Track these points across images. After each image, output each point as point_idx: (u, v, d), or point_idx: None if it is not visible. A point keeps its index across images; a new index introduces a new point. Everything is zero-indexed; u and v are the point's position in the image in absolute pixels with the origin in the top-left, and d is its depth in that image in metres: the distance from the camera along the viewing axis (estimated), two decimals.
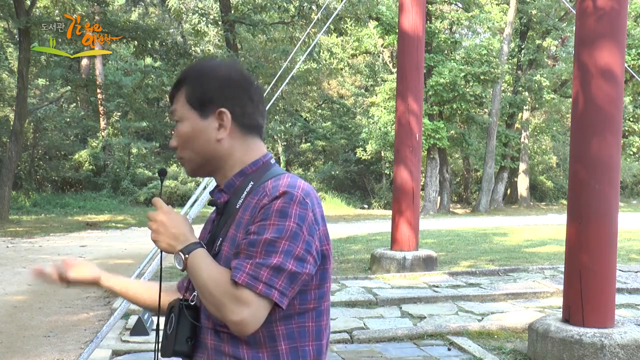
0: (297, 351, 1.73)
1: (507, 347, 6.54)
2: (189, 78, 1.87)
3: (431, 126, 27.30)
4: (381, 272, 10.57)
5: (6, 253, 13.68)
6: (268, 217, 1.67)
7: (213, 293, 1.65)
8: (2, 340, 6.85)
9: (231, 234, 1.76)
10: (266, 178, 1.79)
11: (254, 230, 1.67)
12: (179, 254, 1.71)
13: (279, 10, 25.21)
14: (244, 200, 1.78)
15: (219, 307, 1.65)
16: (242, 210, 1.76)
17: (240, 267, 1.65)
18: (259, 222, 1.67)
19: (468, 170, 40.16)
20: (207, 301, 1.68)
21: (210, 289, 1.65)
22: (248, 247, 1.66)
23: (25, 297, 9.08)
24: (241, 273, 1.64)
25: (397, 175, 11.22)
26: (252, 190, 1.78)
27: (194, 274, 1.70)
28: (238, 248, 1.69)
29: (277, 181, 1.74)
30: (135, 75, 31.24)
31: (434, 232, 17.50)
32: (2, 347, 6.60)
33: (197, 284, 1.69)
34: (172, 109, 1.89)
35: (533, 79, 32.60)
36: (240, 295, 1.63)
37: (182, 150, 1.87)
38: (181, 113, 1.85)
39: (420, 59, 11.50)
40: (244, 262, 1.65)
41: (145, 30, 23.33)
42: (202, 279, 1.67)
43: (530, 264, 11.69)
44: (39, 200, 28.12)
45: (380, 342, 6.75)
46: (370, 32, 31.16)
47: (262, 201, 1.70)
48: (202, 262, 1.70)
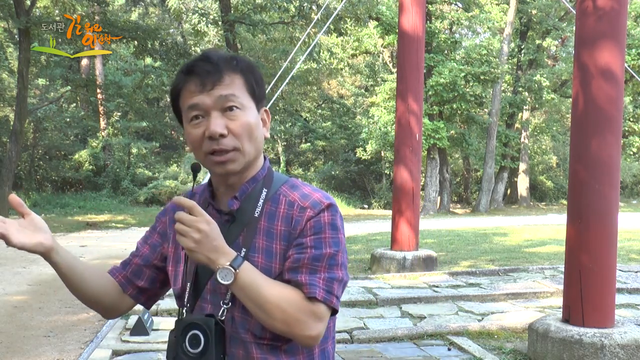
0: (324, 352, 1.77)
1: (507, 347, 6.54)
2: (245, 68, 1.75)
3: (431, 126, 27.31)
4: (381, 272, 10.57)
5: (6, 253, 13.66)
6: (322, 231, 1.68)
7: (287, 310, 1.60)
8: (2, 340, 6.85)
9: (263, 245, 1.70)
10: (277, 184, 1.77)
11: (310, 244, 1.66)
12: (228, 268, 1.58)
13: (279, 10, 25.21)
14: (262, 208, 1.73)
15: (292, 323, 1.60)
16: (266, 219, 1.72)
17: (315, 283, 1.63)
18: (313, 236, 1.67)
19: (468, 170, 40.16)
20: (273, 318, 1.60)
21: (283, 306, 1.60)
22: (312, 262, 1.65)
23: (25, 297, 9.07)
24: (318, 289, 1.63)
25: (397, 175, 11.21)
26: (268, 198, 1.75)
27: (249, 289, 1.60)
28: (298, 262, 1.65)
29: (299, 190, 1.75)
30: (135, 75, 31.25)
31: (434, 232, 17.50)
32: (2, 347, 6.60)
33: (258, 300, 1.60)
34: (229, 94, 1.70)
35: (533, 79, 32.60)
36: (316, 311, 1.63)
37: (242, 139, 1.70)
38: (242, 100, 1.72)
39: (420, 59, 11.50)
40: (315, 278, 1.64)
41: (145, 30, 23.32)
42: (266, 295, 1.60)
43: (530, 264, 11.69)
44: (39, 200, 28.12)
45: (380, 342, 6.74)
46: (370, 32, 31.15)
47: (307, 213, 1.68)
48: (258, 276, 1.63)
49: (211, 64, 1.71)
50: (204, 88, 1.69)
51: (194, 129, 1.71)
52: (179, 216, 1.59)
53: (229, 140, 1.68)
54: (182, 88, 1.74)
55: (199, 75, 1.70)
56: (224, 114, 1.69)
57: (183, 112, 1.77)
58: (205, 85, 1.69)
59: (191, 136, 1.73)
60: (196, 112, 1.71)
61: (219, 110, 1.69)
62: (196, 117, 1.71)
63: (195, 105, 1.70)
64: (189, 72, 1.73)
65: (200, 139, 1.70)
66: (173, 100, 1.80)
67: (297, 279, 1.64)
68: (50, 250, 1.74)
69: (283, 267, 1.67)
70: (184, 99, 1.74)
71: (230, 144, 1.68)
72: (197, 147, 1.72)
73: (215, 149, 1.68)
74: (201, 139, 1.70)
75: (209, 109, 1.69)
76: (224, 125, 1.68)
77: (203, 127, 1.69)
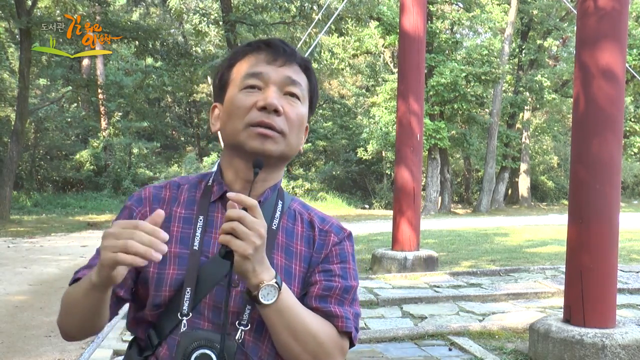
0: None
1: (508, 348, 6.53)
2: (313, 76, 1.64)
3: (432, 126, 27.31)
4: (382, 272, 10.57)
5: (7, 253, 13.69)
6: (346, 261, 1.60)
7: (323, 342, 1.48)
8: (3, 340, 6.85)
9: (281, 262, 1.54)
10: (288, 199, 1.66)
11: (338, 272, 1.57)
12: (274, 286, 1.40)
13: (280, 11, 25.20)
14: (279, 221, 1.59)
15: (321, 356, 1.49)
16: (284, 235, 1.58)
17: (348, 317, 1.54)
18: (340, 265, 1.58)
19: (469, 171, 40.15)
20: (304, 348, 1.47)
21: (321, 338, 1.48)
22: (342, 294, 1.55)
23: (26, 297, 9.08)
24: (351, 323, 1.54)
25: (398, 176, 11.21)
26: (284, 212, 1.62)
27: (287, 313, 1.43)
28: (329, 291, 1.53)
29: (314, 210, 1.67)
30: (136, 76, 31.29)
31: (435, 232, 17.50)
32: (3, 347, 6.61)
33: (295, 327, 1.44)
34: (297, 81, 1.57)
35: (534, 79, 32.60)
36: (344, 346, 1.54)
37: (292, 128, 1.55)
38: (305, 94, 1.60)
39: (421, 59, 11.50)
40: (345, 311, 1.54)
41: (146, 31, 23.34)
42: (306, 322, 1.46)
43: (532, 264, 11.69)
44: (40, 200, 28.16)
45: (381, 342, 6.74)
46: (371, 32, 31.16)
47: (331, 238, 1.60)
48: (295, 299, 1.48)
49: (289, 47, 1.59)
50: (274, 61, 1.56)
51: (245, 95, 1.54)
52: (239, 215, 1.34)
53: (280, 121, 1.52)
54: (247, 55, 1.59)
55: (274, 48, 1.58)
56: (283, 96, 1.55)
57: (233, 81, 1.58)
58: (276, 60, 1.56)
59: (237, 102, 1.54)
60: (254, 82, 1.54)
61: (280, 89, 1.54)
62: (252, 87, 1.54)
63: (259, 73, 1.54)
64: (262, 44, 1.59)
65: (247, 108, 1.52)
66: (224, 69, 1.63)
67: (329, 309, 1.52)
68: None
69: (302, 291, 1.54)
70: (246, 65, 1.58)
71: (280, 125, 1.52)
72: (239, 115, 1.53)
73: (265, 121, 1.50)
74: (248, 108, 1.52)
75: (271, 82, 1.54)
76: (281, 104, 1.52)
77: (256, 98, 1.52)
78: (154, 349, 1.50)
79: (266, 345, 1.50)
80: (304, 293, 1.54)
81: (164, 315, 1.50)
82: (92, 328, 1.51)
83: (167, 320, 1.49)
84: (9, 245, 15.16)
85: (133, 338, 1.60)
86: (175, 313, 1.48)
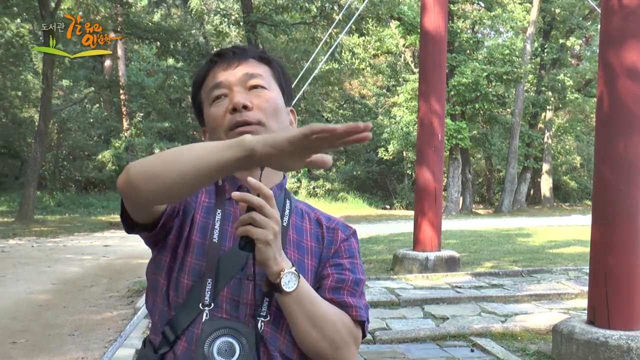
0: None
1: (531, 349, 6.49)
2: (273, 61, 1.68)
3: (453, 126, 27.22)
4: (403, 272, 10.54)
5: (31, 252, 13.83)
6: (354, 256, 1.63)
7: (340, 330, 1.50)
8: (28, 338, 6.92)
9: (295, 257, 1.56)
10: (293, 198, 1.69)
11: (348, 266, 1.59)
12: (294, 273, 1.42)
13: (300, 11, 25.26)
14: (289, 218, 1.62)
15: (339, 345, 1.50)
16: (295, 232, 1.61)
17: (361, 307, 1.56)
18: (348, 259, 1.61)
19: (490, 171, 39.96)
20: (323, 336, 1.48)
21: (338, 326, 1.49)
22: (354, 286, 1.57)
23: (50, 296, 9.16)
24: (364, 313, 1.56)
25: (420, 176, 11.18)
26: (292, 210, 1.65)
27: (306, 301, 1.45)
28: (341, 283, 1.56)
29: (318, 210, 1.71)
30: (158, 76, 31.50)
31: (456, 233, 17.42)
32: (28, 345, 6.67)
33: (313, 314, 1.46)
34: (256, 73, 1.60)
35: (556, 79, 32.37)
36: (358, 336, 1.55)
37: (267, 115, 1.56)
38: (270, 82, 1.62)
39: (443, 59, 11.45)
40: (358, 302, 1.56)
41: (168, 31, 23.50)
42: (324, 310, 1.49)
43: (554, 265, 11.59)
44: (63, 200, 28.42)
45: (403, 343, 6.72)
46: (392, 32, 31.09)
47: (338, 235, 1.64)
48: (311, 288, 1.50)
49: (238, 48, 1.65)
50: (229, 66, 1.61)
51: (216, 107, 1.59)
52: (261, 204, 1.37)
53: (253, 114, 1.55)
54: (207, 73, 1.64)
55: (224, 57, 1.63)
56: (249, 92, 1.58)
57: (205, 100, 1.64)
58: (230, 64, 1.61)
59: (212, 115, 1.59)
60: (219, 92, 1.59)
61: (243, 87, 1.58)
62: (218, 98, 1.59)
63: (219, 83, 1.59)
64: (214, 58, 1.65)
65: (221, 116, 1.57)
66: (194, 93, 1.68)
67: (343, 299, 1.54)
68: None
69: (314, 285, 1.55)
70: (208, 82, 1.63)
71: (255, 117, 1.55)
72: (218, 125, 1.57)
73: (239, 121, 1.54)
74: (222, 116, 1.56)
75: (232, 85, 1.58)
76: (248, 99, 1.56)
77: (225, 105, 1.57)
78: (171, 345, 1.49)
79: (284, 336, 1.51)
80: (316, 287, 1.55)
81: (181, 309, 1.50)
82: (177, 192, 1.36)
83: (186, 313, 1.50)
84: (33, 244, 15.32)
85: (146, 337, 1.61)
86: (194, 305, 1.49)
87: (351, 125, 1.20)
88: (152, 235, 1.54)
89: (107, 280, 10.60)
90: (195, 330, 1.47)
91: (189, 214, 1.57)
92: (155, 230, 1.53)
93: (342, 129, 1.20)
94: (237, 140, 1.28)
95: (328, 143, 1.23)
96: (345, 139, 1.22)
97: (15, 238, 16.68)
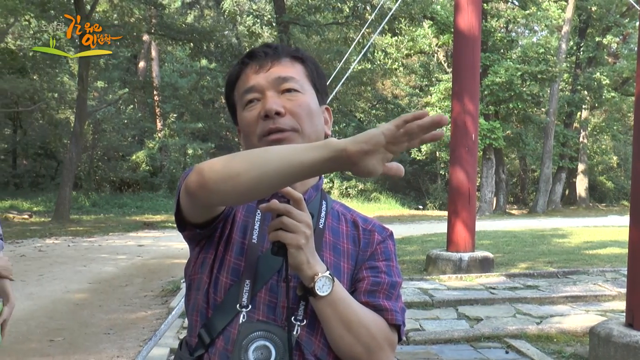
0: None
1: (567, 351, 6.40)
2: (307, 60, 1.64)
3: (487, 126, 27.03)
4: (437, 273, 10.48)
5: (67, 252, 14.02)
6: (390, 259, 1.61)
7: (375, 335, 1.48)
8: (65, 336, 7.01)
9: (331, 260, 1.55)
10: (330, 200, 1.66)
11: (384, 269, 1.57)
12: (328, 277, 1.42)
13: (333, 11, 25.27)
14: (325, 220, 1.60)
15: (374, 350, 1.48)
16: (331, 234, 1.59)
17: (397, 310, 1.54)
18: (384, 262, 1.59)
19: (525, 171, 39.59)
20: (358, 340, 1.47)
21: (373, 331, 1.48)
22: (390, 289, 1.55)
23: (85, 295, 9.27)
24: (400, 316, 1.54)
25: (453, 176, 11.10)
26: (328, 211, 1.62)
27: (341, 305, 1.45)
28: (377, 286, 1.54)
29: (354, 211, 1.68)
30: (191, 77, 31.75)
31: (490, 233, 17.27)
32: (65, 343, 6.76)
33: (348, 319, 1.45)
34: (288, 76, 1.57)
35: (592, 77, 31.96)
36: (393, 340, 1.53)
37: (301, 120, 1.54)
38: (303, 84, 1.58)
39: (476, 59, 11.35)
40: (394, 305, 1.54)
41: (201, 33, 23.68)
42: (359, 314, 1.47)
43: (591, 266, 11.42)
44: (98, 200, 28.78)
45: (436, 344, 6.68)
46: (425, 31, 30.96)
47: (375, 237, 1.62)
48: (346, 292, 1.48)
49: (270, 48, 1.61)
50: (261, 68, 1.57)
51: (248, 112, 1.56)
52: (287, 209, 1.37)
53: (286, 120, 1.52)
54: (240, 74, 1.61)
55: (256, 58, 1.59)
56: (281, 95, 1.55)
57: (238, 102, 1.62)
58: (262, 67, 1.57)
59: (245, 120, 1.57)
60: (251, 96, 1.56)
61: (275, 91, 1.55)
62: (251, 102, 1.56)
63: (251, 87, 1.56)
64: (245, 59, 1.61)
65: (254, 121, 1.54)
66: (228, 93, 1.67)
67: (379, 302, 1.53)
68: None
69: (350, 288, 1.54)
70: (241, 83, 1.60)
71: (289, 124, 1.52)
72: (251, 131, 1.55)
73: (272, 128, 1.51)
74: (255, 122, 1.54)
75: (265, 89, 1.55)
76: (280, 104, 1.52)
77: (258, 110, 1.54)
78: (207, 348, 1.49)
79: (319, 340, 1.50)
80: (352, 290, 1.54)
81: (219, 310, 1.50)
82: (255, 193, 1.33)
83: (223, 314, 1.49)
84: (69, 244, 15.53)
85: (183, 338, 1.61)
86: (231, 307, 1.48)
87: (436, 117, 1.22)
88: (201, 233, 1.54)
89: (142, 279, 10.70)
90: (232, 331, 1.47)
91: (231, 211, 1.57)
92: (208, 229, 1.53)
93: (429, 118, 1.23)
94: (324, 141, 1.27)
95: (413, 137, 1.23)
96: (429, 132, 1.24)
97: (51, 237, 16.94)
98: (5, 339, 3.29)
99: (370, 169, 1.25)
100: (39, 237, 16.95)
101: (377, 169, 1.25)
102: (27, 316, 7.73)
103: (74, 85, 27.69)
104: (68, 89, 30.45)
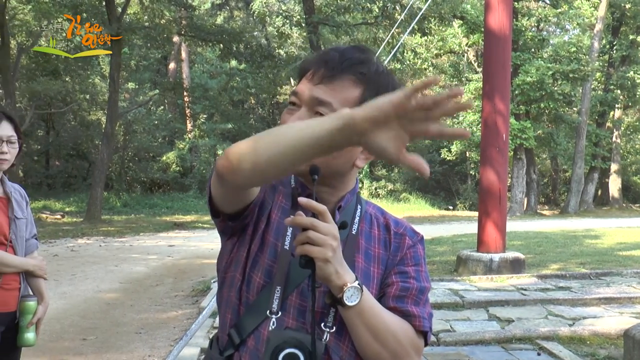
0: None
1: (601, 354, 6.31)
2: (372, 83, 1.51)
3: (518, 126, 26.81)
4: (467, 274, 10.40)
5: (99, 252, 14.17)
6: (419, 263, 1.61)
7: (402, 341, 1.49)
8: (97, 335, 7.08)
9: (362, 265, 1.56)
10: (364, 203, 1.66)
11: (413, 274, 1.58)
12: (357, 287, 1.42)
13: (362, 11, 25.22)
14: (359, 225, 1.60)
15: (401, 356, 1.50)
16: (364, 239, 1.60)
17: (425, 316, 1.55)
18: (414, 267, 1.59)
19: (556, 171, 39.18)
20: (385, 347, 1.48)
21: (400, 337, 1.49)
22: (418, 295, 1.56)
23: (117, 295, 9.36)
24: (427, 323, 1.55)
25: (484, 177, 11.01)
26: (362, 217, 1.62)
27: (369, 314, 1.45)
28: (405, 292, 1.55)
29: (387, 214, 1.68)
30: (221, 78, 31.94)
31: (521, 234, 17.11)
32: (97, 342, 6.83)
33: (376, 327, 1.46)
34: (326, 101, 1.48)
35: (626, 76, 31.55)
36: (420, 346, 1.54)
37: None
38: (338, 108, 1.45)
39: (507, 58, 11.25)
40: (421, 311, 1.55)
41: (230, 34, 23.81)
42: (387, 322, 1.48)
43: (625, 267, 11.25)
44: (129, 200, 29.05)
45: (467, 345, 6.62)
46: (455, 31, 30.79)
47: (405, 241, 1.62)
48: (374, 300, 1.49)
49: (335, 60, 1.52)
50: (313, 78, 1.52)
51: (287, 114, 1.55)
52: (312, 222, 1.36)
53: None
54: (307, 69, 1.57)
55: (319, 64, 1.53)
56: (313, 116, 1.48)
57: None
58: (315, 76, 1.52)
59: (282, 119, 1.56)
60: (294, 99, 1.55)
61: (309, 109, 1.50)
62: (293, 104, 1.55)
63: (296, 92, 1.55)
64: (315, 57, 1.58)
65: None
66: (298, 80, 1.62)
67: (407, 308, 1.53)
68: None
69: (379, 293, 1.55)
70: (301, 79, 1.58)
71: None
72: None
73: None
74: None
75: (302, 102, 1.52)
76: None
77: (294, 117, 1.52)
78: (236, 348, 1.51)
79: (347, 345, 1.51)
80: (380, 295, 1.56)
81: (249, 312, 1.52)
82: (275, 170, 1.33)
83: (253, 317, 1.51)
84: (101, 244, 15.70)
85: (213, 336, 1.63)
86: (261, 311, 1.50)
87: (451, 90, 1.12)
88: (232, 226, 1.55)
89: (172, 279, 10.78)
90: (263, 332, 1.48)
91: (265, 209, 1.57)
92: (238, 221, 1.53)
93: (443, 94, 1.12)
94: (337, 112, 1.24)
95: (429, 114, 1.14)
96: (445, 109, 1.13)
97: (83, 238, 17.14)
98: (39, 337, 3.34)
99: (382, 145, 1.18)
100: (71, 237, 17.16)
101: (389, 147, 1.18)
102: (60, 315, 7.82)
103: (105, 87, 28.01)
104: (99, 91, 30.81)
